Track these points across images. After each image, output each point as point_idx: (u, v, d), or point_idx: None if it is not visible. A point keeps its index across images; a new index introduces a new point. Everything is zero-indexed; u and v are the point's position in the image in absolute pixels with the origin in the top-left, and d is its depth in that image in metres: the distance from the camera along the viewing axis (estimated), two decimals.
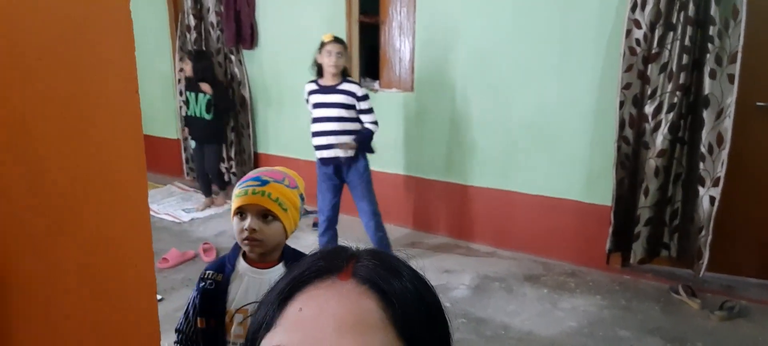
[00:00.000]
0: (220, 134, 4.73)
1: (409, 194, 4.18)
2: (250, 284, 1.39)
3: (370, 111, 3.24)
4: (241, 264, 1.41)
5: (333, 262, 0.53)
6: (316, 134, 3.28)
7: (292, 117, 4.74)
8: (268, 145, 5.00)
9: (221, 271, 1.42)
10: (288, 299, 0.51)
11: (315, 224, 4.36)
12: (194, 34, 5.03)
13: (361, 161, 3.30)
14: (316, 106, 3.26)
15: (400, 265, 0.54)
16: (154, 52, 5.53)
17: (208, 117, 4.49)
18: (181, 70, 5.24)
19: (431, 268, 3.62)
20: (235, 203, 1.37)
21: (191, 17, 4.99)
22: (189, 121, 4.65)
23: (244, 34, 4.74)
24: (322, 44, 3.18)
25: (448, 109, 3.90)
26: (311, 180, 4.71)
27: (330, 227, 3.43)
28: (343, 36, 4.21)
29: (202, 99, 4.47)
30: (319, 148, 3.29)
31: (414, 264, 0.57)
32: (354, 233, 3.75)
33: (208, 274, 1.41)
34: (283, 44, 4.63)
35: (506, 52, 3.58)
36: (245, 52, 4.87)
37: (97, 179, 1.20)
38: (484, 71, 3.68)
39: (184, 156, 5.52)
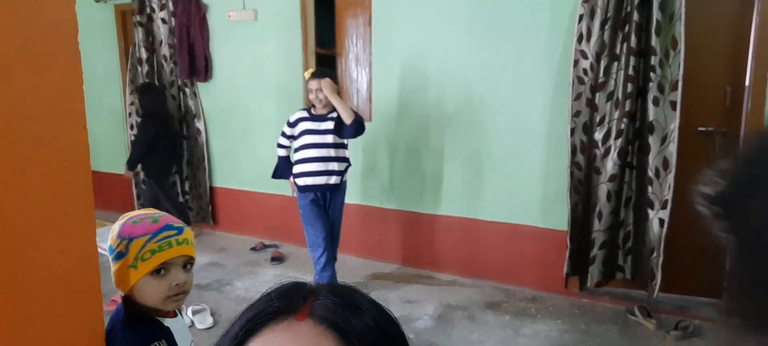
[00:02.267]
0: (150, 170, 4.56)
1: (369, 225, 4.15)
2: (179, 333, 1.30)
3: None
4: (162, 321, 1.29)
5: (289, 301, 0.50)
6: (304, 161, 3.26)
7: (249, 149, 4.68)
8: (223, 178, 4.90)
9: (158, 336, 1.26)
10: (242, 344, 0.49)
11: (274, 258, 4.28)
12: (146, 68, 4.92)
13: (344, 189, 3.38)
14: (305, 133, 3.26)
15: (361, 300, 0.52)
16: (103, 86, 5.37)
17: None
18: (132, 103, 5.11)
19: (393, 299, 3.59)
20: (154, 259, 1.21)
21: (143, 50, 4.88)
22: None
23: (199, 66, 4.67)
24: (306, 81, 3.26)
25: (406, 139, 3.93)
26: (271, 212, 4.65)
27: (330, 261, 3.35)
28: (298, 66, 4.22)
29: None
30: (307, 174, 3.26)
31: (376, 296, 0.55)
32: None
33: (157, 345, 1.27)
34: (239, 76, 4.59)
35: (460, 82, 3.65)
36: (200, 85, 4.80)
37: (42, 216, 1.14)
38: (440, 101, 3.74)
39: (135, 192, 5.34)
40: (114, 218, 4.48)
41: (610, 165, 3.17)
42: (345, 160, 3.34)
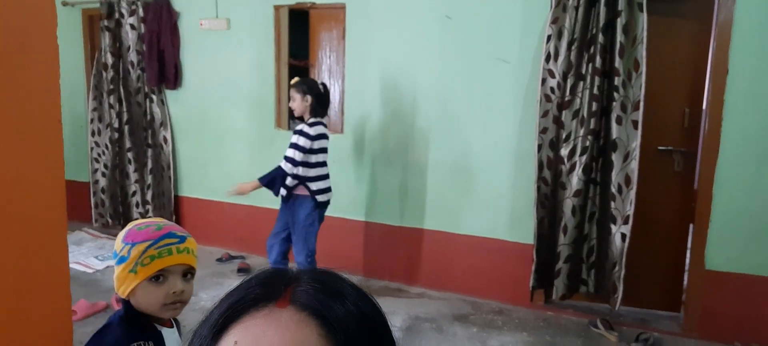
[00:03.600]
0: None
1: (338, 236, 4.14)
2: (170, 344, 1.29)
3: (290, 146, 3.18)
4: (156, 327, 1.28)
5: (270, 288, 0.50)
6: (320, 178, 3.30)
7: (218, 158, 4.62)
8: (190, 187, 4.82)
9: (147, 338, 1.26)
10: (223, 331, 0.48)
11: (240, 269, 4.22)
12: (111, 73, 4.82)
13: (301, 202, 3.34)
14: (323, 150, 3.29)
15: (343, 286, 0.52)
16: (67, 91, 5.18)
17: None
18: (95, 109, 4.99)
19: None
20: (153, 265, 1.21)
21: (109, 55, 4.78)
22: None
23: (168, 74, 4.60)
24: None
25: (377, 152, 3.96)
26: (238, 223, 4.58)
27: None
28: (271, 78, 4.21)
29: None
30: (323, 192, 3.32)
31: (357, 282, 0.54)
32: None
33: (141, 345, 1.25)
34: (210, 85, 4.54)
35: (433, 98, 3.72)
36: (168, 93, 4.73)
37: (13, 213, 1.11)
38: (413, 115, 3.80)
39: (93, 201, 5.18)
40: (72, 227, 4.35)
41: (575, 181, 3.27)
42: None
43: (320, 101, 3.26)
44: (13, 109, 1.11)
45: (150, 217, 4.84)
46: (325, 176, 3.32)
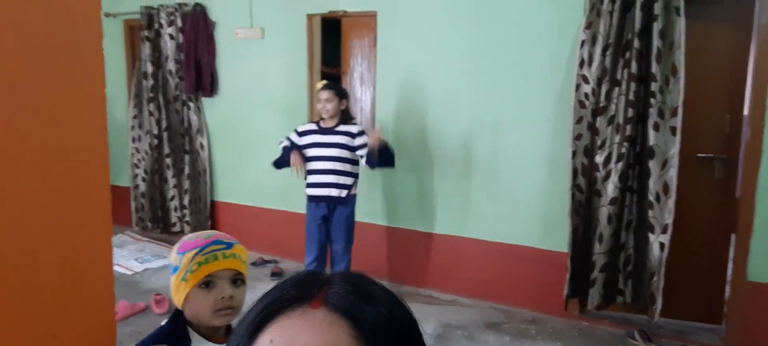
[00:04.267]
0: None
1: (371, 243, 4.16)
2: None
3: (364, 145, 3.35)
4: (196, 339, 1.26)
5: (304, 290, 0.51)
6: (312, 173, 3.40)
7: (253, 165, 4.71)
8: (225, 192, 4.92)
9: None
10: (259, 331, 0.50)
11: (274, 274, 4.28)
12: (151, 82, 4.97)
13: (351, 204, 3.44)
14: (313, 145, 3.39)
15: (374, 289, 0.53)
16: (109, 99, 5.40)
17: None
18: (135, 117, 5.15)
19: None
20: (200, 271, 1.22)
21: (149, 64, 4.94)
22: None
23: (204, 82, 4.72)
24: (318, 91, 3.40)
25: (409, 158, 3.96)
26: (272, 228, 4.66)
27: (317, 263, 3.52)
28: (304, 85, 4.27)
29: None
30: (314, 186, 3.40)
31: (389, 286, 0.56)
32: None
33: None
34: (244, 92, 4.64)
35: (463, 104, 3.70)
36: (205, 100, 4.84)
37: (60, 221, 1.16)
38: (444, 121, 3.79)
39: (133, 205, 5.35)
40: (114, 231, 4.48)
41: (611, 188, 3.21)
42: (351, 174, 3.43)
43: (349, 106, 3.46)
44: (62, 118, 1.16)
45: (187, 221, 4.97)
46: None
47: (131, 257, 4.71)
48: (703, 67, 3.17)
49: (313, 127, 3.44)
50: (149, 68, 4.95)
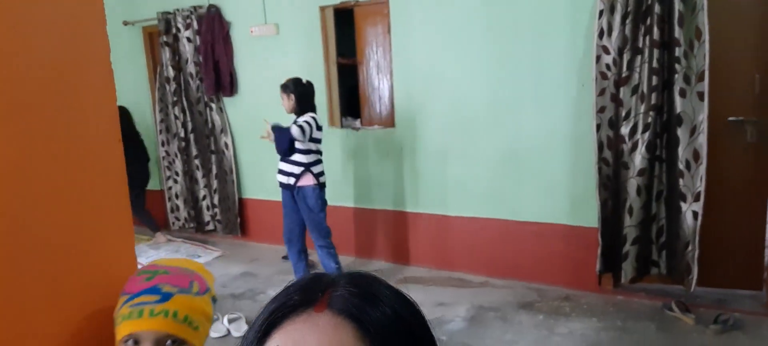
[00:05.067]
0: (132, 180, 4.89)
1: (397, 229, 4.18)
2: None
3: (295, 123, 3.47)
4: None
5: (308, 294, 0.52)
6: (321, 162, 3.63)
7: (275, 161, 4.73)
8: (252, 189, 5.00)
9: None
10: (266, 336, 0.51)
11: (285, 257, 4.35)
12: (173, 86, 5.05)
13: (306, 190, 3.52)
14: (318, 140, 3.59)
15: (379, 289, 0.54)
16: (135, 105, 5.52)
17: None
18: (162, 121, 5.25)
19: (426, 302, 3.61)
20: (123, 326, 1.00)
21: (170, 69, 5.02)
22: None
23: (224, 82, 4.77)
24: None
25: (430, 143, 3.94)
26: None
27: (290, 245, 3.74)
28: (321, 78, 4.27)
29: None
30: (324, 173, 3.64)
31: (395, 283, 0.56)
32: None
33: None
34: (263, 89, 4.66)
35: (482, 84, 3.65)
36: (226, 100, 4.90)
37: (82, 229, 1.19)
38: (463, 104, 3.74)
39: (168, 206, 5.48)
40: (151, 233, 4.58)
41: (639, 159, 3.13)
42: (300, 163, 3.51)
43: (302, 97, 3.56)
44: (73, 130, 1.19)
45: (219, 219, 5.05)
46: (321, 161, 3.61)
47: (167, 257, 4.84)
48: (729, 28, 3.04)
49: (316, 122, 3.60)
50: (170, 73, 5.03)
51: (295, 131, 3.41)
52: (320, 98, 4.34)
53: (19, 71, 1.07)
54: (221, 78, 4.77)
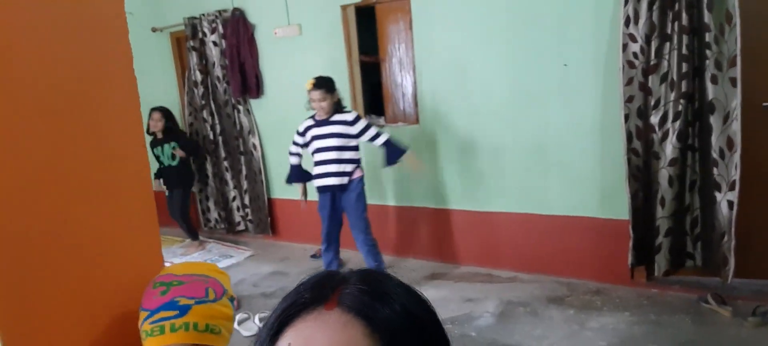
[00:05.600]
0: (186, 179, 5.04)
1: (425, 226, 4.17)
2: None
3: (367, 128, 3.51)
4: None
5: (318, 292, 0.53)
6: (316, 164, 3.59)
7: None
8: (281, 190, 5.05)
9: None
10: (278, 334, 0.52)
11: (314, 255, 4.38)
12: (201, 89, 5.15)
13: (355, 188, 3.56)
14: (314, 139, 3.56)
15: (390, 286, 0.54)
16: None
17: (174, 164, 4.89)
18: (191, 125, 5.35)
19: (454, 298, 3.60)
20: (147, 343, 1.02)
21: (197, 73, 5.11)
22: (162, 172, 4.97)
23: (250, 84, 4.83)
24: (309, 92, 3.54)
25: (455, 139, 3.92)
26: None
27: (330, 247, 3.76)
28: (344, 76, 4.28)
29: (168, 149, 4.84)
30: (318, 176, 3.59)
31: (407, 280, 0.57)
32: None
33: None
34: (288, 90, 4.70)
35: (506, 78, 3.60)
36: (252, 102, 4.97)
37: (109, 233, 1.23)
38: (487, 98, 3.70)
39: (200, 208, 5.60)
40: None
41: (670, 149, 3.04)
42: (351, 161, 3.56)
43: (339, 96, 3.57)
44: (100, 135, 1.22)
45: (250, 219, 5.12)
46: None
47: (200, 258, 4.94)
48: (761, 9, 2.91)
49: (311, 122, 3.59)
50: (198, 76, 5.12)
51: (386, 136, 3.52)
52: (344, 97, 4.36)
53: (49, 79, 1.10)
54: (247, 80, 4.83)
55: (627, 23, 3.00)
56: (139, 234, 1.30)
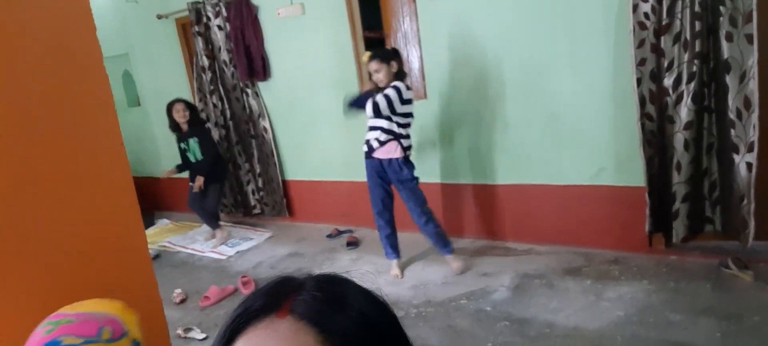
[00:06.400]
0: (218, 174, 4.91)
1: (438, 201, 4.13)
2: None
3: (382, 95, 3.30)
4: None
5: (271, 299, 0.51)
6: (370, 129, 3.45)
7: (314, 140, 4.78)
8: (294, 171, 5.06)
9: None
10: (230, 343, 0.51)
11: (349, 243, 4.38)
12: (209, 74, 5.14)
13: (397, 163, 3.42)
14: (410, 114, 3.44)
15: (346, 291, 0.53)
16: (175, 96, 5.64)
17: (201, 159, 4.77)
18: (201, 110, 5.35)
19: (469, 273, 3.58)
20: None
21: (204, 58, 5.09)
22: (190, 166, 4.87)
23: (257, 67, 4.80)
24: (366, 63, 3.39)
25: (463, 112, 3.85)
26: (342, 199, 4.74)
27: (384, 211, 3.61)
28: (349, 53, 4.23)
29: (193, 144, 4.73)
30: (369, 146, 3.46)
31: (367, 283, 0.55)
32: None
33: None
34: (295, 71, 4.67)
35: (514, 47, 3.50)
36: (260, 85, 4.94)
37: (94, 230, 1.23)
38: (495, 69, 3.61)
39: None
40: (187, 218, 4.69)
41: (685, 112, 2.93)
42: (403, 136, 3.40)
43: (402, 66, 3.38)
44: (76, 134, 1.21)
45: (266, 202, 5.13)
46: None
47: (218, 243, 5.00)
48: None
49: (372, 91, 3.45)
50: (205, 62, 5.11)
51: (368, 110, 3.36)
52: (349, 74, 4.31)
53: (23, 83, 1.09)
54: (253, 63, 4.80)
55: None
56: (122, 230, 1.30)
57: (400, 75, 3.36)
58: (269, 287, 0.54)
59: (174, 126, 4.76)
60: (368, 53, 3.37)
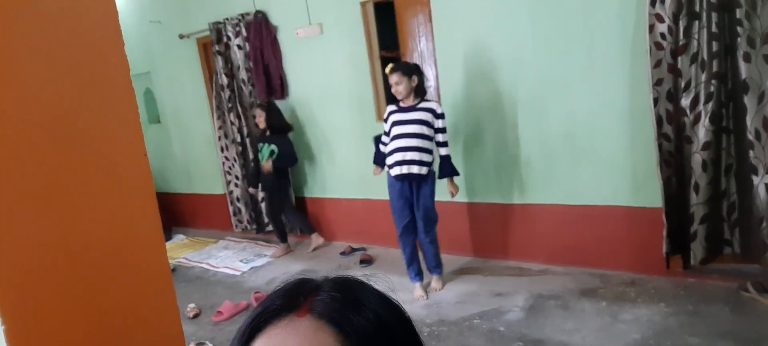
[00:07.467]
0: (277, 182, 4.80)
1: (452, 219, 4.13)
2: None
3: (445, 130, 3.43)
4: None
5: (291, 299, 0.53)
6: (393, 152, 3.42)
7: (329, 158, 4.82)
8: (310, 188, 5.10)
9: None
10: (250, 341, 0.52)
11: (362, 261, 4.38)
12: (228, 92, 5.22)
13: (431, 182, 3.46)
14: (395, 124, 3.43)
15: (362, 293, 0.54)
16: (194, 113, 5.77)
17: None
18: (220, 128, 5.44)
19: (483, 292, 3.55)
20: None
21: (223, 76, 5.19)
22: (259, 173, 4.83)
23: (275, 85, 4.88)
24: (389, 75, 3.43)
25: (479, 130, 3.86)
26: (356, 217, 4.76)
27: (406, 232, 3.58)
28: (366, 72, 4.28)
29: (266, 149, 4.68)
30: (397, 164, 3.42)
31: (382, 286, 0.57)
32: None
33: None
34: (312, 90, 4.74)
35: (530, 65, 3.52)
36: (278, 103, 5.01)
37: (114, 245, 1.25)
38: (511, 87, 3.63)
39: (231, 209, 5.69)
40: (217, 236, 4.77)
41: (703, 132, 2.92)
42: (431, 152, 3.43)
43: (423, 81, 3.42)
44: (101, 154, 1.24)
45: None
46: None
47: (236, 258, 5.03)
48: None
49: (394, 107, 3.47)
50: (224, 80, 5.20)
51: (449, 151, 3.54)
52: (366, 93, 4.36)
53: (49, 94, 1.13)
54: (272, 81, 4.88)
55: (653, 3, 2.89)
56: (144, 240, 1.32)
57: (420, 90, 3.41)
58: (288, 288, 0.55)
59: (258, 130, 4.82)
60: (391, 65, 3.43)
